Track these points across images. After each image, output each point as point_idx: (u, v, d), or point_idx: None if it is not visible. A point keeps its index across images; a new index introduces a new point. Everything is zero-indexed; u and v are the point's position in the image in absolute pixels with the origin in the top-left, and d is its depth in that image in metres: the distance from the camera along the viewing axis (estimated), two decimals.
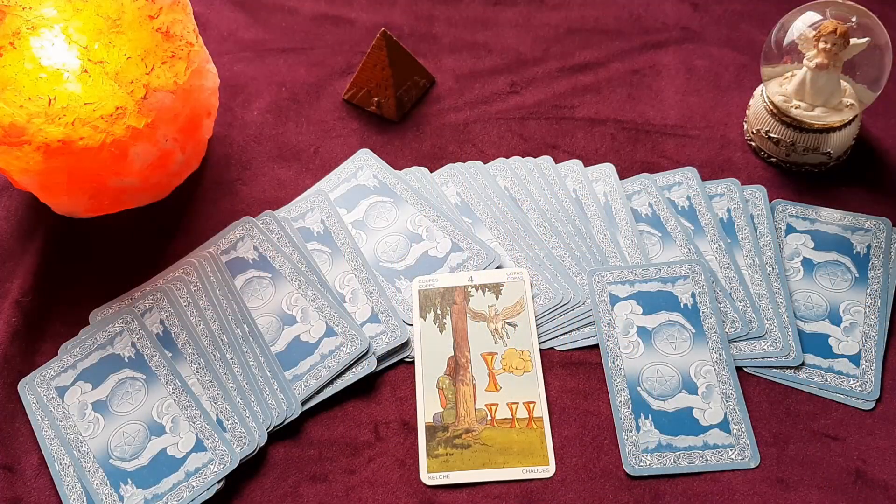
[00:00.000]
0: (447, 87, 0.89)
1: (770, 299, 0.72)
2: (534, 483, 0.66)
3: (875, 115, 0.84)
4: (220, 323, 0.73)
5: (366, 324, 0.73)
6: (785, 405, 0.69)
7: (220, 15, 0.96)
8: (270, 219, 0.79)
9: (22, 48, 0.68)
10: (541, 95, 0.88)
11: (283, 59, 0.92)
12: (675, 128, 0.85)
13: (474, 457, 0.67)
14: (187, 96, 0.74)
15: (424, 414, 0.69)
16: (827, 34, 0.73)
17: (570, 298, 0.74)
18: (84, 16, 0.69)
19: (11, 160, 0.70)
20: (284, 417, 0.69)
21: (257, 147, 0.86)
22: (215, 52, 0.89)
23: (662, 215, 0.78)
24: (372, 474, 0.67)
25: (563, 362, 0.71)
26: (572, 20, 0.94)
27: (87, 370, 0.72)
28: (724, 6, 0.94)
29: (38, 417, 0.70)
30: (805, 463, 0.66)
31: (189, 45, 0.73)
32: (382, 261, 0.77)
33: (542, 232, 0.78)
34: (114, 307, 0.75)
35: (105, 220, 0.80)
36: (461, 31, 0.94)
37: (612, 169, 0.81)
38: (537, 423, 0.68)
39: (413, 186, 0.81)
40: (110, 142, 0.69)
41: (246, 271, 0.76)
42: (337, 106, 0.88)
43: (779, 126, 0.79)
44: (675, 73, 0.89)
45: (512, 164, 0.82)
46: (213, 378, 0.71)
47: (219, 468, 0.67)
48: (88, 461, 0.68)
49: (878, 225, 0.76)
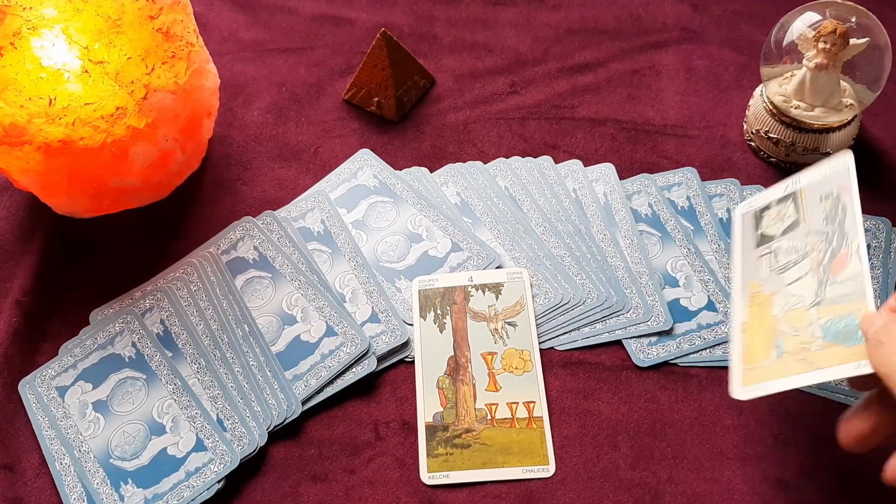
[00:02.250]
0: (447, 87, 0.89)
1: None
2: (534, 483, 0.66)
3: (875, 115, 0.84)
4: (221, 323, 0.73)
5: (366, 324, 0.73)
6: (785, 405, 0.69)
7: (220, 15, 0.96)
8: (271, 219, 0.79)
9: (22, 48, 0.68)
10: (541, 95, 0.88)
11: (283, 59, 0.92)
12: (675, 128, 0.85)
13: (474, 456, 0.67)
14: (187, 96, 0.74)
15: (424, 414, 0.69)
16: (826, 34, 0.73)
17: (570, 298, 0.74)
18: (84, 16, 0.69)
19: (12, 160, 0.70)
20: (285, 417, 0.69)
21: (257, 147, 0.86)
22: (215, 52, 0.89)
23: (662, 215, 0.78)
24: (372, 474, 0.67)
25: (563, 362, 0.71)
26: (572, 20, 0.94)
27: (87, 370, 0.72)
28: (724, 6, 0.95)
29: (39, 417, 0.70)
30: (805, 463, 0.66)
31: (189, 45, 0.73)
32: (382, 261, 0.77)
33: (542, 232, 0.78)
34: (114, 307, 0.75)
35: (105, 220, 0.80)
36: (461, 31, 0.94)
37: (612, 169, 0.81)
38: (537, 423, 0.68)
39: (413, 186, 0.81)
40: (111, 142, 0.69)
41: (246, 271, 0.76)
42: (337, 106, 0.89)
43: (778, 126, 0.79)
44: (675, 73, 0.89)
45: (512, 164, 0.82)
46: (213, 378, 0.71)
47: (219, 468, 0.67)
48: (89, 461, 0.68)
49: (877, 225, 0.76)
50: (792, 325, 0.59)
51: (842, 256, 0.59)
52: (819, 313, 0.58)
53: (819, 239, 0.61)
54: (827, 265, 0.59)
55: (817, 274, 0.59)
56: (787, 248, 0.63)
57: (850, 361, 0.53)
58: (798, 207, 0.64)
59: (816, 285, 0.59)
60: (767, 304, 0.62)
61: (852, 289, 0.57)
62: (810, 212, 0.63)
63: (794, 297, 0.60)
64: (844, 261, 0.58)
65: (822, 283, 0.59)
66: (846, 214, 0.60)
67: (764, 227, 0.67)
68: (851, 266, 0.57)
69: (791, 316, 0.60)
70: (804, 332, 0.58)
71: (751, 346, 0.61)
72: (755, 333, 0.62)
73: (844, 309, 0.56)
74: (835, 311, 0.57)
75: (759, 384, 0.59)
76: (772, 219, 0.66)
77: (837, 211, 0.60)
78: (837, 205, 0.60)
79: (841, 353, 0.54)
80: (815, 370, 0.55)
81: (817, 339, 0.57)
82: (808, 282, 0.60)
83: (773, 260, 0.64)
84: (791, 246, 0.63)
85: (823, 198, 0.62)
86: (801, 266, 0.61)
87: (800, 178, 0.66)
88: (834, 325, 0.56)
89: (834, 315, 0.57)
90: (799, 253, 0.62)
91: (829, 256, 0.59)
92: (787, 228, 0.64)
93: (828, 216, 0.61)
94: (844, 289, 0.57)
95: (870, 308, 0.54)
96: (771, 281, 0.63)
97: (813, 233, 0.62)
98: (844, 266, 0.58)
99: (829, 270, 0.59)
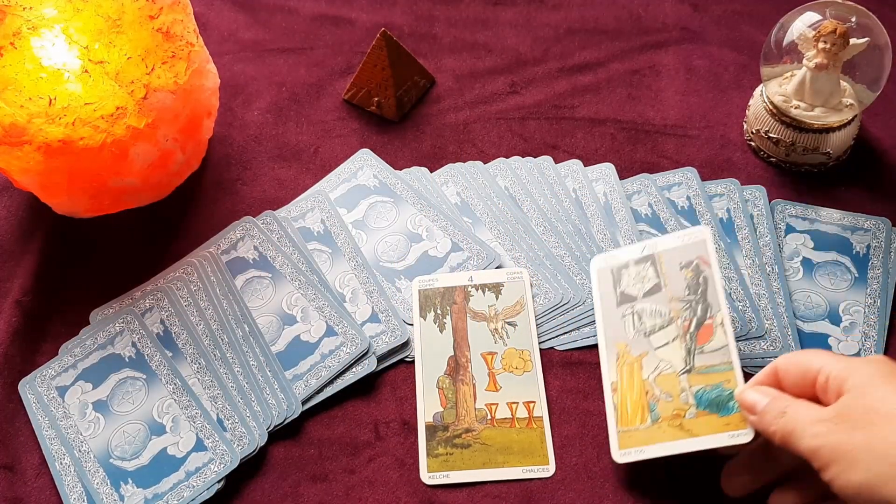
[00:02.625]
0: (447, 87, 0.89)
1: (770, 299, 0.72)
2: (534, 483, 0.66)
3: (875, 115, 0.84)
4: (221, 323, 0.73)
5: (366, 324, 0.73)
6: None
7: (220, 15, 0.96)
8: (271, 219, 0.79)
9: (22, 48, 0.68)
10: (541, 95, 0.88)
11: (283, 59, 0.92)
12: (675, 128, 0.85)
13: (474, 456, 0.67)
14: (187, 96, 0.74)
15: (424, 414, 0.69)
16: (827, 34, 0.73)
17: (570, 298, 0.74)
18: (84, 16, 0.69)
19: (12, 160, 0.70)
20: (285, 417, 0.69)
21: (257, 147, 0.86)
22: (215, 52, 0.89)
23: (662, 215, 0.78)
24: (372, 474, 0.67)
25: (563, 362, 0.71)
26: (572, 20, 0.94)
27: (87, 370, 0.72)
28: (724, 6, 0.95)
29: (39, 417, 0.70)
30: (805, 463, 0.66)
31: (189, 45, 0.74)
32: (382, 261, 0.77)
33: (542, 232, 0.78)
34: (114, 307, 0.75)
35: (105, 220, 0.80)
36: (461, 31, 0.94)
37: (612, 169, 0.81)
38: (537, 423, 0.68)
39: (413, 186, 0.81)
40: (111, 142, 0.69)
41: (246, 271, 0.76)
42: (337, 106, 0.89)
43: (778, 126, 0.79)
44: (675, 73, 0.89)
45: (512, 164, 0.82)
46: (213, 378, 0.71)
47: (219, 468, 0.67)
48: (89, 461, 0.68)
49: (877, 225, 0.76)
50: (664, 390, 0.64)
51: (707, 327, 0.64)
52: (690, 381, 0.63)
53: (683, 306, 0.65)
54: (694, 334, 0.64)
55: (685, 342, 0.64)
56: (650, 311, 0.67)
57: (724, 431, 0.60)
58: (658, 272, 0.68)
59: (685, 353, 0.64)
60: (637, 366, 0.66)
61: (720, 360, 0.62)
62: (671, 278, 0.67)
63: (664, 361, 0.65)
64: (710, 331, 0.63)
65: (691, 352, 0.64)
66: (708, 285, 0.65)
67: (624, 286, 0.70)
68: (717, 338, 0.63)
69: (662, 381, 0.64)
70: (677, 398, 0.63)
71: (624, 408, 0.65)
72: (627, 394, 0.65)
73: (714, 379, 0.62)
74: (705, 381, 0.62)
75: (637, 448, 0.63)
76: (631, 278, 0.69)
77: (699, 281, 0.65)
78: (699, 275, 0.65)
79: (715, 422, 0.60)
80: (692, 438, 0.61)
81: (691, 407, 0.62)
82: (677, 348, 0.64)
83: (637, 321, 0.67)
84: (655, 309, 0.66)
85: (683, 266, 0.67)
86: (668, 331, 0.65)
87: (657, 243, 0.69)
88: (706, 394, 0.62)
89: (705, 384, 0.62)
90: (664, 317, 0.66)
91: (696, 326, 0.64)
92: (649, 291, 0.68)
93: (689, 285, 0.66)
94: (712, 359, 0.63)
95: (738, 380, 0.60)
96: (639, 343, 0.67)
97: (676, 299, 0.66)
98: (710, 337, 0.63)
99: (696, 339, 0.64)
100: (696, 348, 0.64)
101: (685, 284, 0.66)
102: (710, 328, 0.64)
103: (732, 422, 0.59)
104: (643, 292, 0.68)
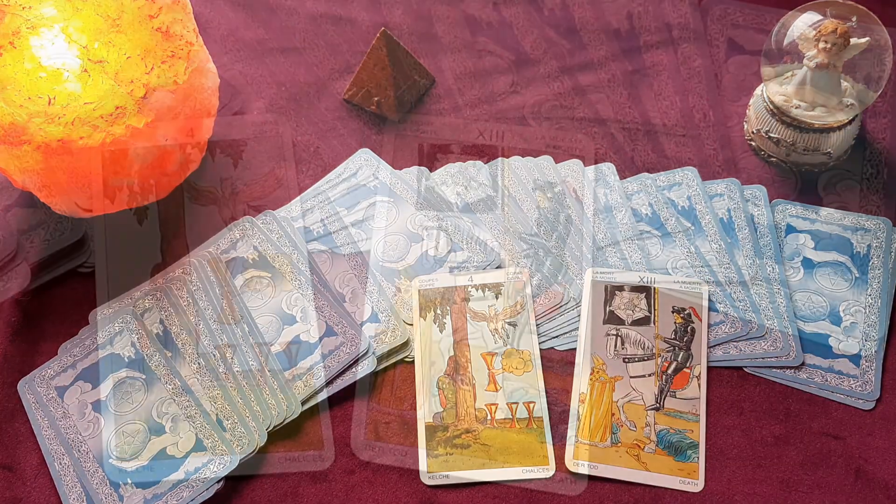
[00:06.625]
0: (447, 87, 0.89)
1: (770, 299, 0.72)
2: (534, 483, 0.66)
3: (875, 115, 0.84)
4: (220, 322, 0.73)
5: (366, 324, 0.73)
6: (785, 405, 0.69)
7: (220, 15, 0.96)
8: (270, 218, 0.79)
9: (22, 48, 0.68)
10: (541, 95, 0.88)
11: (283, 58, 0.92)
12: (675, 128, 0.85)
13: (474, 457, 0.67)
14: (187, 96, 0.74)
15: (424, 414, 0.69)
16: (827, 34, 0.73)
17: (570, 298, 0.74)
18: (84, 15, 0.69)
19: (11, 160, 0.70)
20: (284, 417, 0.69)
21: (257, 147, 0.86)
22: (215, 51, 0.89)
23: (662, 215, 0.78)
24: (372, 474, 0.67)
25: (563, 362, 0.71)
26: (572, 20, 0.94)
27: (86, 370, 0.72)
28: (725, 6, 0.94)
29: (38, 417, 0.70)
30: (805, 463, 0.66)
31: (189, 44, 0.73)
32: (382, 261, 0.77)
33: (542, 232, 0.78)
34: (114, 307, 0.75)
35: (105, 220, 0.80)
36: (461, 31, 0.94)
37: (612, 169, 0.81)
38: (537, 423, 0.68)
39: (413, 186, 0.81)
40: (110, 141, 0.69)
41: (246, 271, 0.76)
42: (337, 106, 0.88)
43: (779, 126, 0.79)
44: (675, 73, 0.89)
45: (512, 164, 0.82)
46: (212, 378, 0.71)
47: (218, 468, 0.67)
48: (88, 461, 0.68)
49: (878, 225, 0.76)
50: (630, 417, 0.67)
51: (684, 374, 0.68)
52: (657, 418, 0.67)
53: (666, 347, 0.69)
54: (671, 376, 0.68)
55: (660, 380, 0.68)
56: (635, 340, 0.70)
57: (677, 476, 0.65)
58: (651, 306, 0.71)
59: (658, 391, 0.68)
60: (610, 386, 0.68)
61: (689, 409, 0.67)
62: (661, 317, 0.70)
63: (636, 392, 0.68)
64: (686, 380, 0.68)
65: (664, 392, 0.67)
66: (694, 337, 0.69)
67: (614, 307, 0.72)
68: (691, 388, 0.67)
69: (630, 409, 0.68)
70: (641, 430, 0.67)
71: (587, 422, 0.68)
72: (594, 410, 0.68)
73: (680, 425, 0.66)
74: (671, 423, 0.66)
75: (594, 463, 0.66)
76: (623, 302, 0.71)
77: (687, 330, 0.69)
78: (688, 325, 0.69)
79: (671, 464, 0.66)
80: (646, 472, 0.65)
81: (651, 443, 0.66)
82: (651, 384, 0.68)
83: (619, 344, 0.70)
84: (639, 339, 0.70)
85: (675, 310, 0.70)
86: (647, 365, 0.69)
87: (655, 279, 0.72)
88: (669, 436, 0.66)
89: (669, 426, 0.66)
90: (646, 351, 0.69)
91: (674, 370, 0.68)
92: (638, 321, 0.71)
93: (677, 330, 0.69)
94: (682, 406, 0.67)
95: (702, 435, 0.66)
96: (616, 366, 0.69)
97: (661, 339, 0.69)
98: (685, 384, 0.67)
99: (671, 381, 0.68)
100: (670, 391, 0.68)
101: (673, 328, 0.70)
102: (686, 376, 0.68)
103: (686, 469, 0.65)
104: (632, 320, 0.70)
